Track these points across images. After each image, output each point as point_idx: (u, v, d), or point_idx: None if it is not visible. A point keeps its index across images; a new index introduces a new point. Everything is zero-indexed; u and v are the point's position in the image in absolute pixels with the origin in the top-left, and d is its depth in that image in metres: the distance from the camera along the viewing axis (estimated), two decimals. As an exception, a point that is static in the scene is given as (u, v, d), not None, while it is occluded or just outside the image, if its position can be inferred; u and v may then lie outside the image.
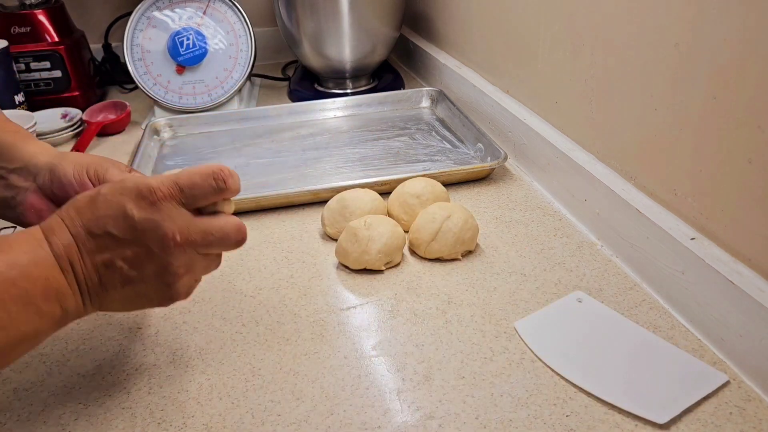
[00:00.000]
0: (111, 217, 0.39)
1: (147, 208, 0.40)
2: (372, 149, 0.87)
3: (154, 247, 0.40)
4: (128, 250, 0.39)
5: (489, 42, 0.91)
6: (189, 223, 0.41)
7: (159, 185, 0.40)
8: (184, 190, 0.41)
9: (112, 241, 0.39)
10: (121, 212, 0.39)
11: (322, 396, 0.47)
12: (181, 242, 0.40)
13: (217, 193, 0.42)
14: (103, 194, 0.40)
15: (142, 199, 0.40)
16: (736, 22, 0.46)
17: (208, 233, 0.42)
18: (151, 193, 0.40)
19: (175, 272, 0.41)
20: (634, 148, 0.60)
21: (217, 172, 0.42)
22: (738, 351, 0.48)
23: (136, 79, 0.99)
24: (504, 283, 0.59)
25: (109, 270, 0.39)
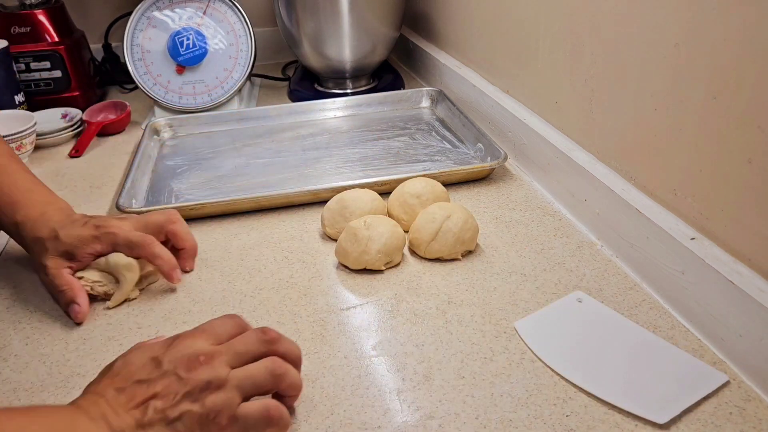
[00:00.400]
0: (137, 368, 0.41)
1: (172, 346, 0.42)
2: (372, 149, 0.87)
3: (182, 372, 0.40)
4: (158, 386, 0.40)
5: (489, 42, 0.91)
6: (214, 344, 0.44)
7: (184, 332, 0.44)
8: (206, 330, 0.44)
9: (141, 385, 0.40)
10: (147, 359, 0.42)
11: (322, 396, 0.47)
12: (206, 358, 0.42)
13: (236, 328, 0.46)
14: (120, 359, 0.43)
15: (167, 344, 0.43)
16: (736, 22, 0.46)
17: (230, 344, 0.43)
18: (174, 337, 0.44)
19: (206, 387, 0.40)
20: (634, 148, 0.60)
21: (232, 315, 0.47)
22: (738, 351, 0.48)
23: (136, 79, 0.99)
24: (504, 283, 0.59)
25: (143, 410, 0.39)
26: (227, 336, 0.44)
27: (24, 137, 0.86)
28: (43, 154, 0.92)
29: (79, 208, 0.76)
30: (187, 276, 0.62)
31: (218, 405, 0.40)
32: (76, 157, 0.91)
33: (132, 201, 0.73)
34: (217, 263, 0.64)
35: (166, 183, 0.80)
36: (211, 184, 0.79)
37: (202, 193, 0.77)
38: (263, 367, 0.43)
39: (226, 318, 0.46)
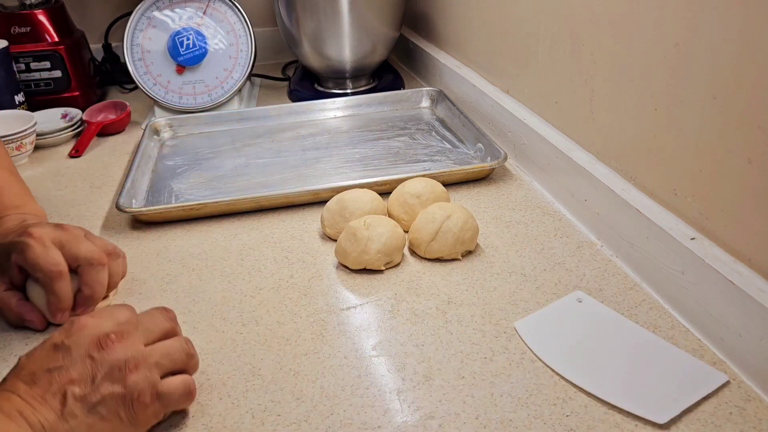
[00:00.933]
0: (42, 358, 0.39)
1: (74, 330, 0.41)
2: (372, 149, 0.87)
3: (95, 353, 0.39)
4: (71, 372, 0.38)
5: (489, 42, 0.91)
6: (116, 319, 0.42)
7: (78, 317, 0.42)
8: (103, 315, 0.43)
9: (52, 373, 0.38)
10: (50, 348, 0.40)
11: (322, 396, 0.47)
12: (118, 336, 0.40)
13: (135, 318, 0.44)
14: (23, 357, 0.40)
15: (67, 329, 0.41)
16: (736, 22, 0.46)
17: (138, 322, 0.43)
18: (71, 321, 0.41)
19: (125, 366, 0.39)
20: (634, 148, 0.60)
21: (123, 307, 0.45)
22: (738, 351, 0.48)
23: (136, 79, 0.99)
24: (504, 283, 0.59)
25: (61, 399, 0.38)
26: (125, 319, 0.43)
27: (24, 137, 0.86)
28: (43, 154, 0.92)
29: (80, 208, 0.76)
30: (187, 276, 0.62)
31: (140, 383, 0.39)
32: (76, 157, 0.91)
33: (132, 201, 0.73)
34: (217, 263, 0.64)
35: (166, 183, 0.80)
36: (211, 184, 0.79)
37: (202, 193, 0.77)
38: (179, 345, 0.43)
39: (122, 306, 0.45)
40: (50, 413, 0.37)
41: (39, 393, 0.38)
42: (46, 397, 0.37)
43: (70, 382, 0.38)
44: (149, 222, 0.72)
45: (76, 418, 0.37)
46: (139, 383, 0.39)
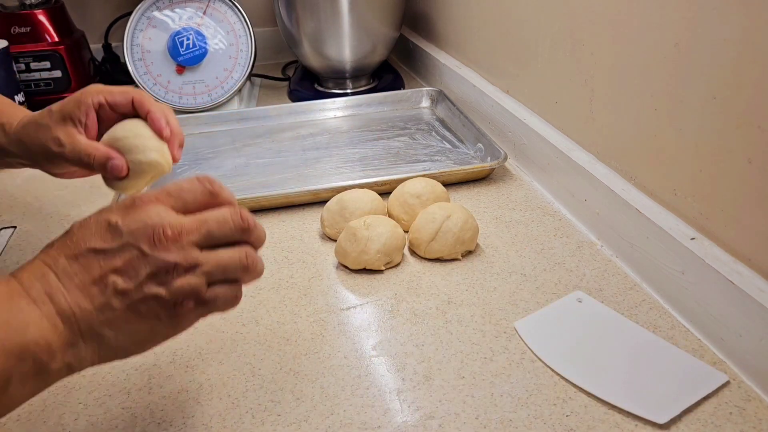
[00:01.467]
0: (92, 233, 0.36)
1: (132, 211, 0.37)
2: (372, 149, 0.87)
3: (145, 247, 0.35)
4: (118, 260, 0.35)
5: (489, 42, 0.91)
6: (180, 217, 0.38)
7: (143, 194, 0.38)
8: (172, 193, 0.38)
9: (98, 255, 0.35)
10: (104, 225, 0.36)
11: (322, 396, 0.47)
12: (174, 234, 0.36)
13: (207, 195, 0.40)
14: (77, 223, 0.37)
15: (126, 208, 0.37)
16: (735, 22, 0.46)
17: (203, 221, 0.38)
18: (133, 201, 0.37)
19: (173, 270, 0.36)
20: (634, 148, 0.60)
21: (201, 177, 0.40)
22: (738, 351, 0.48)
23: (136, 79, 0.99)
24: (504, 283, 0.59)
25: (101, 288, 0.35)
26: (196, 205, 0.39)
27: (24, 137, 0.86)
28: (43, 154, 0.92)
29: (80, 208, 0.76)
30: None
31: (185, 290, 0.36)
32: (76, 157, 0.91)
33: (132, 201, 0.73)
34: (217, 263, 0.64)
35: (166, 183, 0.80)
36: (211, 184, 0.79)
37: (202, 193, 0.77)
38: (237, 259, 0.39)
39: (196, 182, 0.40)
40: (85, 301, 0.34)
41: (78, 274, 0.35)
42: (84, 281, 0.35)
43: (114, 271, 0.35)
44: (149, 222, 0.72)
45: (113, 312, 0.35)
46: (185, 289, 0.36)
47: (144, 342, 0.37)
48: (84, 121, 0.53)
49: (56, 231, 0.71)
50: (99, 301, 0.34)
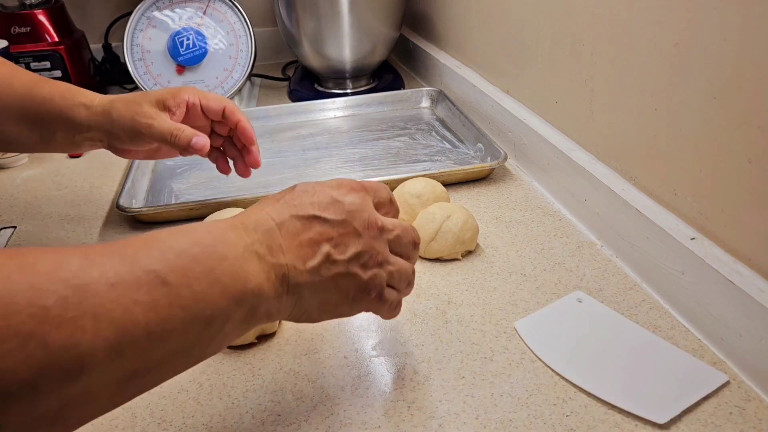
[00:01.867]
0: (317, 202, 0.39)
1: (351, 193, 0.40)
2: (372, 149, 0.87)
3: (359, 228, 0.39)
4: (335, 231, 0.38)
5: (489, 42, 0.91)
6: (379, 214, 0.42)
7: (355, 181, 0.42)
8: (372, 189, 0.43)
9: (320, 222, 0.38)
10: (328, 197, 0.39)
11: (322, 396, 0.47)
12: (380, 228, 0.41)
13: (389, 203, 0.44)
14: (298, 188, 0.40)
15: (343, 187, 0.41)
16: (736, 21, 0.46)
17: (394, 224, 0.42)
18: (350, 184, 0.41)
19: (375, 257, 0.40)
20: (634, 148, 0.60)
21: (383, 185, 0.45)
22: (738, 351, 0.48)
23: (136, 79, 0.99)
24: (504, 283, 0.59)
25: (315, 252, 0.38)
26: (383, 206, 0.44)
27: (24, 137, 0.86)
28: (44, 154, 0.92)
29: (80, 208, 0.76)
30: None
31: (377, 280, 0.40)
32: (76, 157, 0.91)
33: (132, 201, 0.73)
34: (217, 263, 0.64)
35: (166, 183, 0.80)
36: (211, 184, 0.79)
37: (202, 193, 0.77)
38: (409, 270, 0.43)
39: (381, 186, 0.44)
40: (299, 261, 0.37)
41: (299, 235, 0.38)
42: (303, 243, 0.38)
43: (329, 241, 0.38)
44: (149, 222, 0.72)
45: (320, 277, 0.38)
46: (377, 279, 0.40)
47: (326, 312, 0.41)
48: (174, 111, 0.59)
49: (56, 231, 0.71)
50: (311, 264, 0.38)
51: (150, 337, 0.30)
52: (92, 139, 0.61)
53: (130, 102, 0.59)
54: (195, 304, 0.32)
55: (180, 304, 0.31)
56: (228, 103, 0.62)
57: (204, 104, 0.61)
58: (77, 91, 0.60)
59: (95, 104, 0.59)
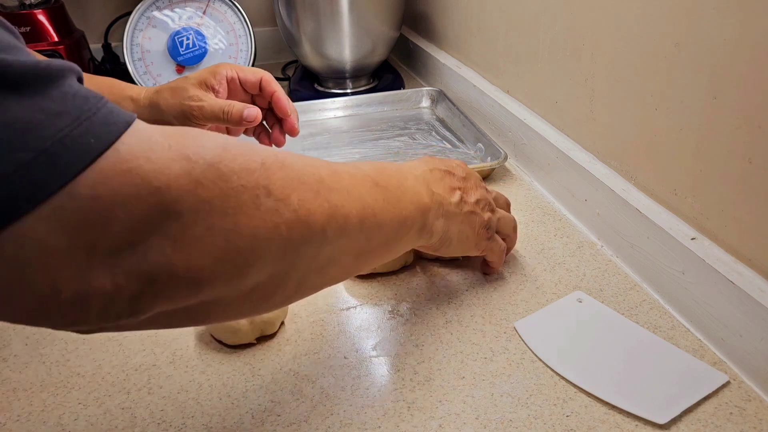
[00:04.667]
0: (448, 164, 0.53)
1: (454, 164, 0.54)
2: (372, 149, 0.87)
3: (476, 184, 0.54)
4: (462, 183, 0.52)
5: (489, 42, 0.91)
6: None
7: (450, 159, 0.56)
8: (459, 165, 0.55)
9: (452, 176, 0.52)
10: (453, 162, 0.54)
11: (322, 396, 0.47)
12: (485, 187, 0.56)
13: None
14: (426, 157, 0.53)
15: (453, 160, 0.55)
16: (736, 21, 0.46)
17: (491, 189, 0.58)
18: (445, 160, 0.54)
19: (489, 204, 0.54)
20: (634, 148, 0.60)
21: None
22: (738, 351, 0.48)
23: (136, 79, 0.99)
24: (504, 283, 0.59)
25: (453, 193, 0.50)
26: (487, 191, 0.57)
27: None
28: (43, 154, 0.92)
29: (79, 208, 0.76)
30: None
31: (491, 221, 0.54)
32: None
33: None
34: (217, 263, 0.64)
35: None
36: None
37: (202, 193, 0.77)
38: (513, 220, 0.59)
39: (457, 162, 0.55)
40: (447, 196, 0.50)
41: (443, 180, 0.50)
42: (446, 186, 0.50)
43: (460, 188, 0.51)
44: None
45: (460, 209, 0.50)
46: (492, 221, 0.54)
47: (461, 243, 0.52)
48: (217, 89, 0.62)
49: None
50: (454, 199, 0.50)
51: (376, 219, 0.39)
52: None
53: (175, 89, 0.62)
54: (397, 204, 0.42)
55: (389, 200, 0.41)
56: (264, 75, 0.65)
57: (242, 77, 0.64)
58: (123, 86, 0.63)
59: (142, 97, 0.62)
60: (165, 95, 0.62)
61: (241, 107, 0.60)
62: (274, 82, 0.65)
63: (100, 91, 0.59)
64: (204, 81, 0.62)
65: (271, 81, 0.65)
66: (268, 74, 0.65)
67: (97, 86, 0.60)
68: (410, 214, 0.44)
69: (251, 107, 0.61)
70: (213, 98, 0.61)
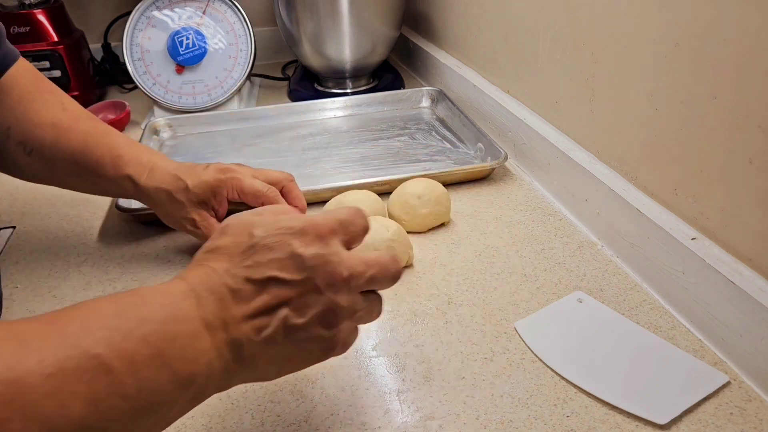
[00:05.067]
0: (276, 260, 0.35)
1: (315, 243, 0.36)
2: (372, 149, 0.87)
3: (322, 285, 0.35)
4: (294, 292, 0.35)
5: (489, 42, 0.91)
6: (350, 256, 0.37)
7: (323, 220, 0.37)
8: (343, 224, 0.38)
9: (277, 285, 0.35)
10: (288, 253, 0.35)
11: (322, 396, 0.47)
12: (347, 277, 0.36)
13: (364, 232, 0.40)
14: (260, 238, 0.36)
15: (307, 236, 0.36)
16: (736, 21, 0.46)
17: (369, 264, 0.38)
18: (316, 229, 0.36)
19: (340, 314, 0.36)
20: (635, 147, 0.60)
21: (360, 210, 0.40)
22: (738, 351, 0.48)
23: (135, 78, 0.99)
24: (504, 283, 0.59)
25: (271, 318, 0.34)
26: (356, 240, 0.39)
27: (23, 137, 0.86)
28: (43, 154, 0.92)
29: (79, 207, 0.76)
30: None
31: (341, 334, 0.37)
32: (75, 157, 0.91)
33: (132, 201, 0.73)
34: (217, 263, 0.64)
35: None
36: (210, 184, 0.79)
37: (201, 193, 0.77)
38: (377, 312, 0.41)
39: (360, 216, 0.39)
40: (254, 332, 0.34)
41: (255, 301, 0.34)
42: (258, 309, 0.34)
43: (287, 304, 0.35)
44: (149, 222, 0.71)
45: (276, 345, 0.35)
46: (341, 333, 0.37)
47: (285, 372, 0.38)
48: (217, 210, 0.60)
49: (56, 231, 0.71)
50: (266, 333, 0.34)
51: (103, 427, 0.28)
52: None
53: (174, 201, 0.59)
54: (139, 393, 0.29)
55: (123, 393, 0.29)
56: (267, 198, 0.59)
57: (243, 199, 0.60)
58: (127, 160, 0.59)
59: (141, 183, 0.59)
60: (163, 198, 0.59)
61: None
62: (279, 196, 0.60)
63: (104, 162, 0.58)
64: (204, 201, 0.59)
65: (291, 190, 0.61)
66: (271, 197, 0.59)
67: (102, 155, 0.59)
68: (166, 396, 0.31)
69: None
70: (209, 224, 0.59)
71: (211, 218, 0.60)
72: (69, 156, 0.59)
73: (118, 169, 0.59)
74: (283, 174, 0.63)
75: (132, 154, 0.60)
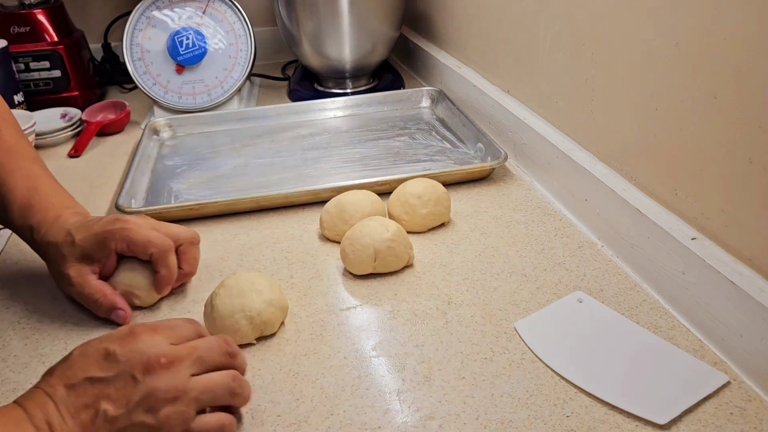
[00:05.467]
0: (90, 362, 0.39)
1: (130, 340, 0.40)
2: (372, 149, 0.87)
3: (138, 375, 0.38)
4: (111, 387, 0.38)
5: (489, 42, 0.91)
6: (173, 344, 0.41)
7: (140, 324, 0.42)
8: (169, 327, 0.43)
9: (93, 384, 0.38)
10: (100, 352, 0.39)
11: (322, 396, 0.47)
12: (167, 362, 0.39)
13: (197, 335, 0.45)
14: (78, 349, 0.40)
15: (124, 337, 0.40)
16: (736, 21, 0.46)
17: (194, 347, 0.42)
18: (132, 330, 0.41)
19: (163, 397, 0.38)
20: (635, 148, 0.60)
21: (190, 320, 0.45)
22: (738, 351, 0.48)
23: (135, 78, 0.99)
24: (504, 283, 0.59)
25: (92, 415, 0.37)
26: (187, 340, 0.43)
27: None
28: (43, 154, 0.92)
29: (79, 208, 0.76)
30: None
31: (172, 418, 0.39)
32: (75, 157, 0.91)
33: (131, 201, 0.73)
34: (217, 264, 0.64)
35: (166, 183, 0.80)
36: (210, 184, 0.79)
37: (201, 193, 0.77)
38: (225, 383, 0.42)
39: (187, 321, 0.45)
40: (77, 428, 0.37)
41: (74, 402, 0.38)
42: (78, 409, 0.37)
43: (106, 398, 0.38)
44: (149, 222, 0.71)
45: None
46: (172, 418, 0.39)
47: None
48: (103, 262, 0.56)
49: (56, 231, 0.71)
50: (88, 428, 0.37)
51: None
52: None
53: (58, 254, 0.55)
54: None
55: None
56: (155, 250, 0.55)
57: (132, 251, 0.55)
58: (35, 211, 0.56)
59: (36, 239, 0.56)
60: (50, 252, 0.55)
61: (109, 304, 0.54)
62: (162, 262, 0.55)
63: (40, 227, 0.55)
64: (89, 254, 0.54)
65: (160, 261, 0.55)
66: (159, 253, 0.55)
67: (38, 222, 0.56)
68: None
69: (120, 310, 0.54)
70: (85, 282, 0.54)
71: (90, 275, 0.55)
72: (11, 218, 0.57)
73: (24, 218, 0.56)
74: (187, 232, 0.59)
75: (43, 206, 0.57)
